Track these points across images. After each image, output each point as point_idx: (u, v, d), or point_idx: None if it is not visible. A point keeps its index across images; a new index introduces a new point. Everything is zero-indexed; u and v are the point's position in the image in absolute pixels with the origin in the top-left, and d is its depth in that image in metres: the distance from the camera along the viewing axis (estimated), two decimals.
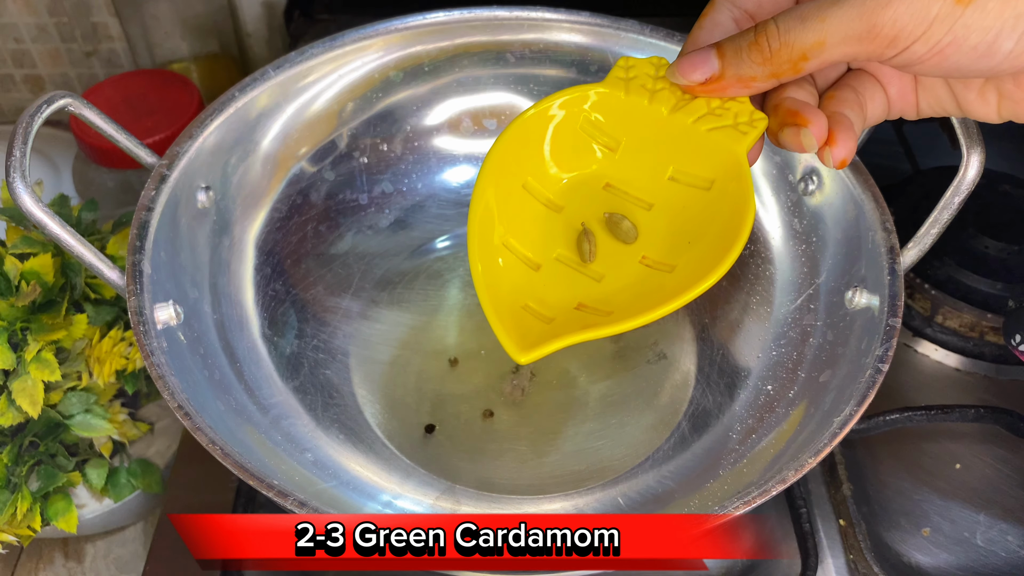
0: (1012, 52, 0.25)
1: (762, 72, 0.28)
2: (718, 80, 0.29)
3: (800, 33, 0.26)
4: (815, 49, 0.26)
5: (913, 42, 0.25)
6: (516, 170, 0.34)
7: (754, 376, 0.45)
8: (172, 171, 0.42)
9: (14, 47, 0.75)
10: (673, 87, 0.31)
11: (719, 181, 0.32)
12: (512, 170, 0.33)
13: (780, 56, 0.27)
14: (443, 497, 0.43)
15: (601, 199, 0.34)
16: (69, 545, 0.57)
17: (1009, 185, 0.57)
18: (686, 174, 0.33)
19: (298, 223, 0.50)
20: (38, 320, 0.47)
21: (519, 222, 0.34)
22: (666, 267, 0.32)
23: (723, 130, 0.30)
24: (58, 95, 0.38)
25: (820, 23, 0.26)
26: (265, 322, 0.46)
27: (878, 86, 0.31)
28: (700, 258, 0.31)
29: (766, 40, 0.27)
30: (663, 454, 0.44)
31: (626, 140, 0.33)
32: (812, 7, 0.26)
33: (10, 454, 0.47)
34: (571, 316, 0.32)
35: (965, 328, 0.52)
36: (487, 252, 0.33)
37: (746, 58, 0.28)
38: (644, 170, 0.33)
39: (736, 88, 0.29)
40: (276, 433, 0.42)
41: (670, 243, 0.33)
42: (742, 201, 0.30)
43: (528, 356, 0.31)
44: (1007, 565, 0.44)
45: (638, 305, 0.31)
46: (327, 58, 0.48)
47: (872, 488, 0.47)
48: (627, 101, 0.32)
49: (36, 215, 0.35)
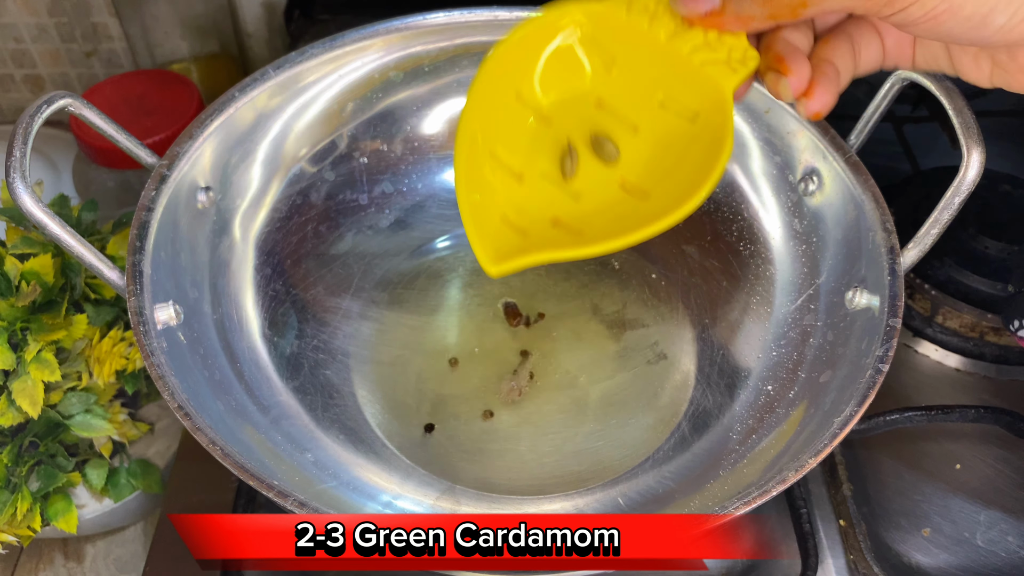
0: (1004, 26, 0.26)
1: (760, 13, 0.29)
2: (718, 15, 0.30)
3: None
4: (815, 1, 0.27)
5: (909, 4, 0.26)
6: (512, 78, 0.33)
7: (754, 376, 0.45)
8: (172, 171, 0.42)
9: (14, 47, 0.75)
10: (673, 13, 0.32)
11: (703, 114, 0.32)
12: (509, 77, 0.33)
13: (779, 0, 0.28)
14: (443, 497, 0.43)
15: (590, 116, 0.34)
16: (69, 545, 0.57)
17: (1009, 185, 0.57)
18: (675, 102, 0.33)
19: (298, 223, 0.50)
20: (38, 320, 0.47)
21: (508, 131, 0.34)
22: (642, 194, 0.33)
23: (715, 65, 0.31)
24: (58, 95, 0.38)
25: None
26: (265, 322, 0.46)
27: (876, 35, 0.32)
28: (675, 189, 0.32)
29: None
30: (663, 454, 0.44)
31: (622, 60, 0.33)
32: None
33: (10, 454, 0.47)
34: (546, 232, 0.33)
35: (965, 328, 0.52)
36: (473, 157, 0.33)
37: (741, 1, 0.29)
38: (635, 92, 0.33)
39: (734, 24, 0.30)
40: (276, 433, 0.42)
41: (650, 170, 0.33)
42: (720, 137, 0.31)
43: (500, 268, 0.31)
44: (1007, 565, 0.44)
45: (610, 229, 0.32)
46: (327, 58, 0.48)
47: (872, 488, 0.47)
48: (627, 21, 0.32)
49: (36, 215, 0.35)
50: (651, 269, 0.53)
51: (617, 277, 0.53)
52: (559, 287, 0.52)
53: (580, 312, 0.51)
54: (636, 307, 0.51)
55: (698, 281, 0.51)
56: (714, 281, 0.50)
